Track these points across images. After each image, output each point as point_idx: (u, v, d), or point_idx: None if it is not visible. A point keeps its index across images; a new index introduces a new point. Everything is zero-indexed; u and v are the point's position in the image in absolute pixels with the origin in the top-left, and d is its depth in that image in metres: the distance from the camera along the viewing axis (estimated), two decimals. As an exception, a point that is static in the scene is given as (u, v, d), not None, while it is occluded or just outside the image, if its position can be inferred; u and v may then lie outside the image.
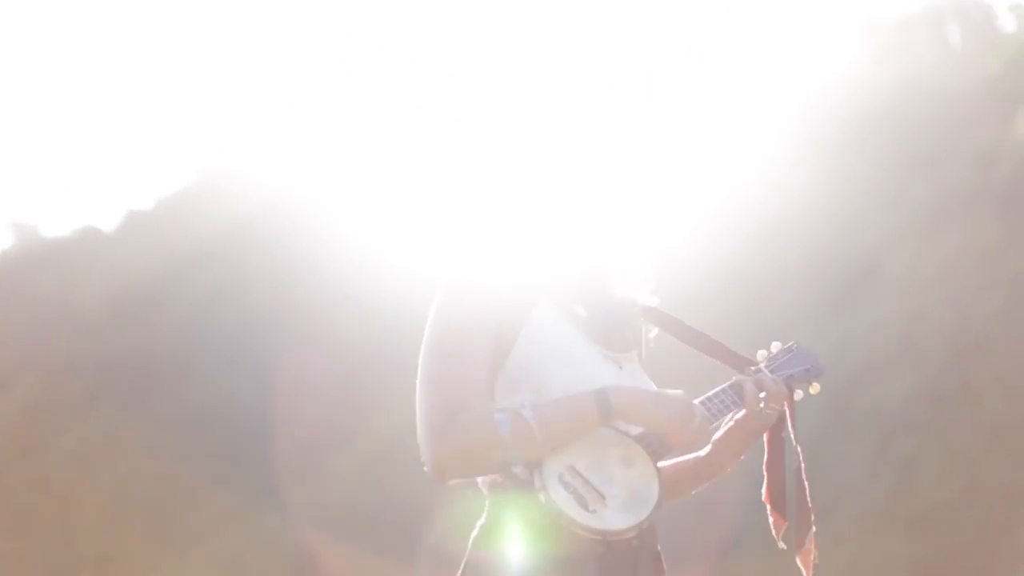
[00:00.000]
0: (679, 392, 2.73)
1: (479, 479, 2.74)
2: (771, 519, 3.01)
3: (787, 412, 2.96)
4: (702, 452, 2.94)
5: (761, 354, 3.02)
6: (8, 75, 49.42)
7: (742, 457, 2.96)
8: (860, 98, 18.48)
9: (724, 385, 2.88)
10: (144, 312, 25.40)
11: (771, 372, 2.96)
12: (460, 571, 2.75)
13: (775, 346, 3.03)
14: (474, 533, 2.74)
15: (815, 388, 3.04)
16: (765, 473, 3.01)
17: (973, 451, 11.40)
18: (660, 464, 2.74)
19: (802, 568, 2.98)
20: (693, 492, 3.00)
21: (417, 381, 2.68)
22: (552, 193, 2.82)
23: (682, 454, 2.81)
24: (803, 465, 3.01)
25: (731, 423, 2.89)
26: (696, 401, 2.78)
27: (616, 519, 2.61)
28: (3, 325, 25.63)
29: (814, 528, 2.98)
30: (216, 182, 29.31)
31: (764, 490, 3.01)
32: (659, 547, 2.79)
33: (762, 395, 2.85)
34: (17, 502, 21.36)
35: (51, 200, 45.50)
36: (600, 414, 2.62)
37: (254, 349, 23.66)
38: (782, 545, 2.99)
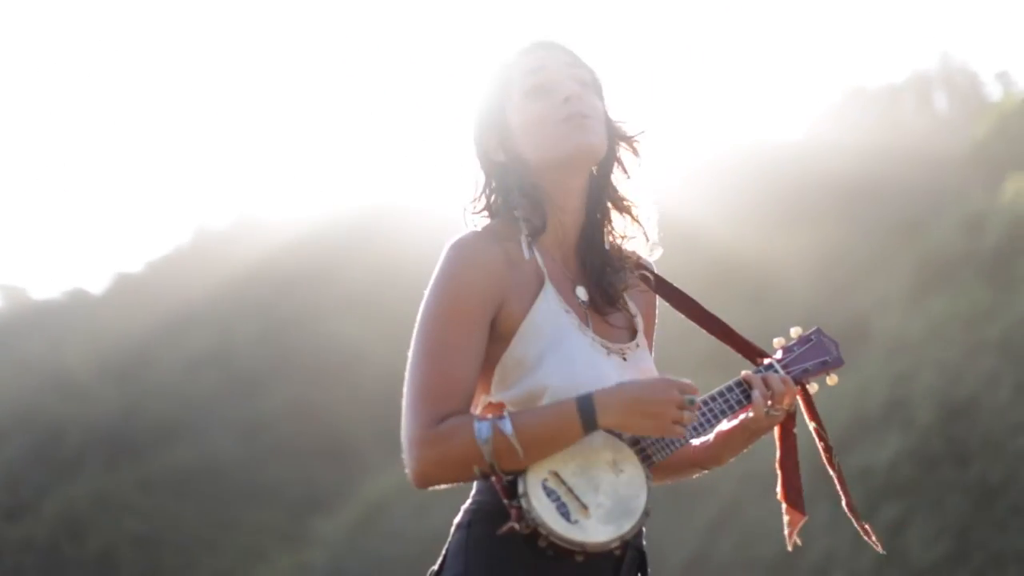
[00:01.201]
0: (666, 379, 2.63)
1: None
2: (786, 517, 2.90)
3: (803, 406, 2.89)
4: (703, 440, 2.87)
5: (778, 341, 2.93)
6: (-1, 138, 49.54)
7: (745, 451, 2.86)
8: (848, 164, 18.58)
9: (731, 382, 2.80)
10: (132, 374, 25.34)
11: (786, 364, 2.88)
12: (440, 557, 2.72)
13: (795, 331, 2.94)
14: (456, 519, 2.71)
15: (832, 379, 2.94)
16: (779, 471, 2.91)
17: (962, 514, 11.37)
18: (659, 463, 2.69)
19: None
20: (693, 476, 2.95)
21: (406, 373, 2.63)
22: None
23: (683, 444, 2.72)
24: (832, 449, 2.92)
25: (736, 421, 2.82)
26: (701, 398, 2.72)
27: (598, 531, 2.55)
28: (-9, 386, 25.57)
29: (858, 520, 2.89)
30: (205, 246, 29.36)
31: (779, 487, 2.90)
32: (644, 544, 2.75)
33: (769, 394, 2.78)
34: (4, 564, 21.22)
35: (41, 262, 45.47)
36: (583, 426, 2.56)
37: (241, 412, 23.60)
38: (797, 541, 2.89)
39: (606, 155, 2.80)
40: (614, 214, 2.84)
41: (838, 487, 2.92)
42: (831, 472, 2.92)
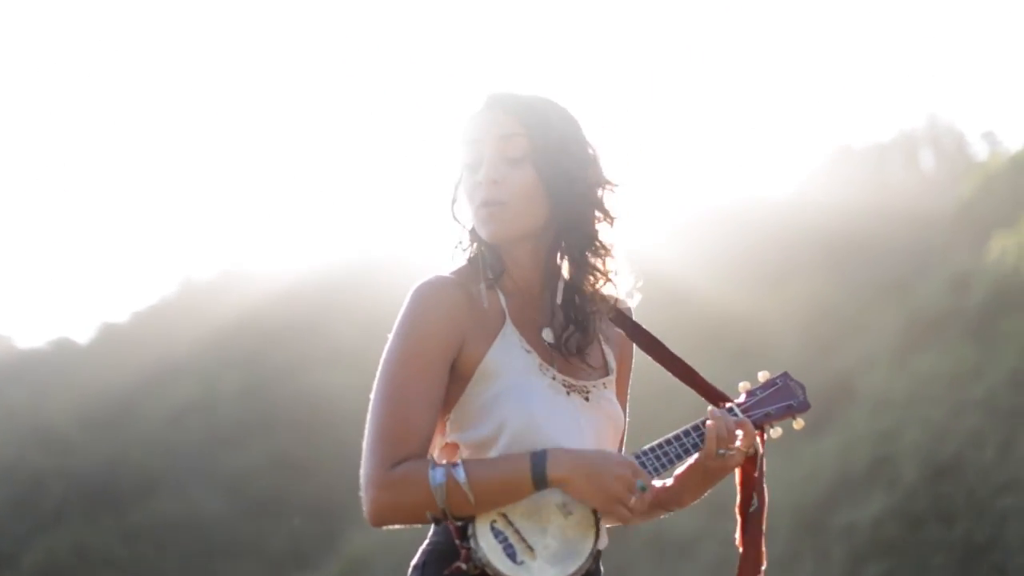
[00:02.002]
0: (622, 457, 2.67)
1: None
2: (739, 564, 2.92)
3: (759, 452, 2.90)
4: (664, 483, 2.90)
5: (743, 385, 2.96)
6: (-14, 188, 49.55)
7: (704, 495, 2.90)
8: (835, 222, 18.64)
9: (687, 426, 2.82)
10: (115, 425, 25.26)
11: (748, 407, 2.90)
12: None
13: (762, 375, 2.98)
14: (413, 561, 2.74)
15: (799, 423, 2.97)
16: (738, 516, 2.93)
17: (947, 573, 11.34)
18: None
19: None
20: (659, 518, 2.97)
21: (368, 415, 2.69)
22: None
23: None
24: (765, 506, 2.92)
25: (691, 462, 2.84)
26: (657, 443, 2.76)
27: (544, 571, 2.58)
28: (-27, 437, 25.44)
29: (764, 566, 2.90)
30: (191, 297, 29.36)
31: (738, 532, 2.93)
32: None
33: (725, 438, 2.78)
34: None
35: (26, 311, 45.41)
36: (534, 482, 2.60)
37: (225, 465, 23.51)
38: None
39: (565, 211, 2.79)
40: (587, 257, 2.85)
41: (763, 537, 2.91)
42: (761, 519, 2.92)
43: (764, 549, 2.92)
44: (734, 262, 18.61)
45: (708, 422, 2.80)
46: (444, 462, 2.63)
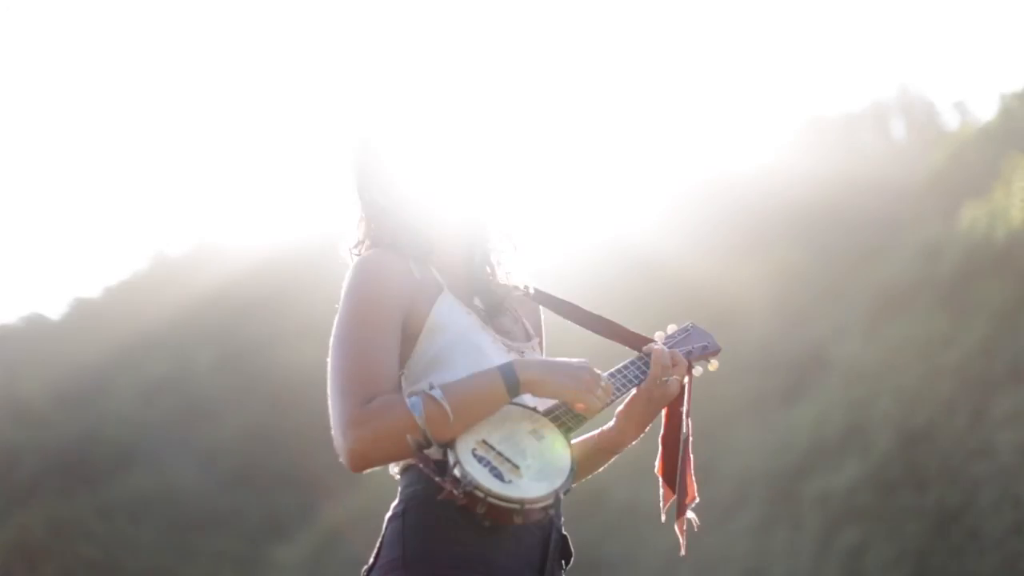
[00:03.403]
0: (582, 360, 2.79)
1: (391, 465, 2.81)
2: (661, 491, 3.06)
3: (685, 386, 3.01)
4: (607, 426, 3.00)
5: (658, 335, 3.08)
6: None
7: (646, 430, 3.00)
8: (806, 192, 18.68)
9: (632, 357, 2.97)
10: (89, 400, 25.22)
11: (672, 347, 3.03)
12: (375, 550, 2.81)
13: (671, 328, 3.12)
14: (388, 514, 2.80)
15: (713, 365, 3.12)
16: (660, 445, 3.06)
17: (921, 539, 11.42)
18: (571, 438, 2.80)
19: (678, 535, 3.05)
20: (600, 468, 3.06)
21: (328, 371, 2.77)
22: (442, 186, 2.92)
23: (590, 420, 2.84)
24: (690, 438, 3.04)
25: (633, 393, 2.95)
26: (604, 374, 2.85)
27: (532, 487, 2.65)
28: (-54, 413, 25.37)
29: (696, 499, 3.04)
30: (163, 272, 29.28)
31: (658, 462, 3.06)
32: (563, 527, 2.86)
33: (668, 365, 2.93)
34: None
35: (-3, 287, 45.22)
36: (508, 388, 2.70)
37: (199, 438, 23.51)
38: (664, 517, 3.07)
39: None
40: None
41: (691, 468, 3.04)
42: (688, 450, 3.04)
43: (694, 481, 3.05)
44: (707, 232, 18.64)
45: (654, 348, 2.95)
46: (417, 390, 2.69)
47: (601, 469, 3.07)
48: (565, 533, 2.86)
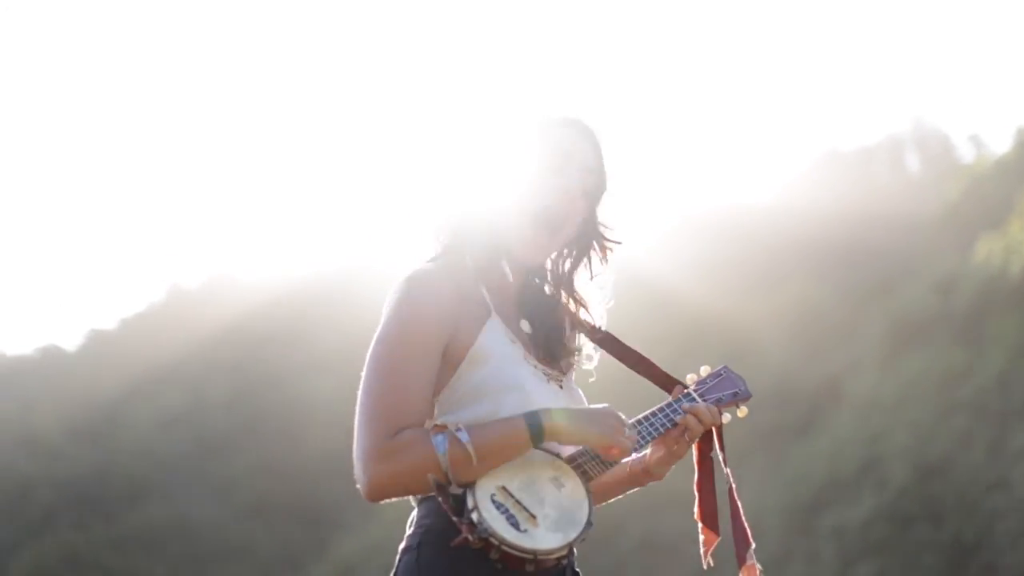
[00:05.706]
0: (605, 406, 2.78)
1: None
2: (702, 536, 3.06)
3: (715, 434, 3.03)
4: (634, 456, 2.99)
5: (690, 377, 3.08)
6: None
7: (670, 470, 3.01)
8: (822, 226, 18.68)
9: (659, 406, 2.96)
10: (103, 431, 25.22)
11: (701, 394, 3.03)
12: None
13: (704, 370, 3.11)
14: (403, 544, 2.77)
15: (743, 411, 3.11)
16: (696, 492, 3.05)
17: (937, 572, 11.38)
18: (596, 480, 2.80)
19: None
20: (626, 493, 3.07)
21: (360, 386, 2.72)
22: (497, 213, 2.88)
23: (616, 465, 2.85)
24: (733, 486, 3.06)
25: (658, 439, 2.96)
26: (631, 421, 2.85)
27: (546, 538, 2.64)
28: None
29: (753, 544, 3.03)
30: (179, 304, 29.32)
31: (696, 508, 3.06)
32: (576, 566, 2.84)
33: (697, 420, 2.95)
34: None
35: (14, 318, 45.32)
36: (532, 436, 2.68)
37: (213, 471, 23.50)
38: (709, 562, 3.05)
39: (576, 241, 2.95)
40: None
41: (742, 515, 3.06)
42: (735, 497, 3.05)
43: (747, 527, 3.05)
44: (722, 267, 18.64)
45: (693, 408, 2.96)
46: (443, 429, 2.67)
47: (617, 499, 3.09)
48: (578, 570, 2.85)
